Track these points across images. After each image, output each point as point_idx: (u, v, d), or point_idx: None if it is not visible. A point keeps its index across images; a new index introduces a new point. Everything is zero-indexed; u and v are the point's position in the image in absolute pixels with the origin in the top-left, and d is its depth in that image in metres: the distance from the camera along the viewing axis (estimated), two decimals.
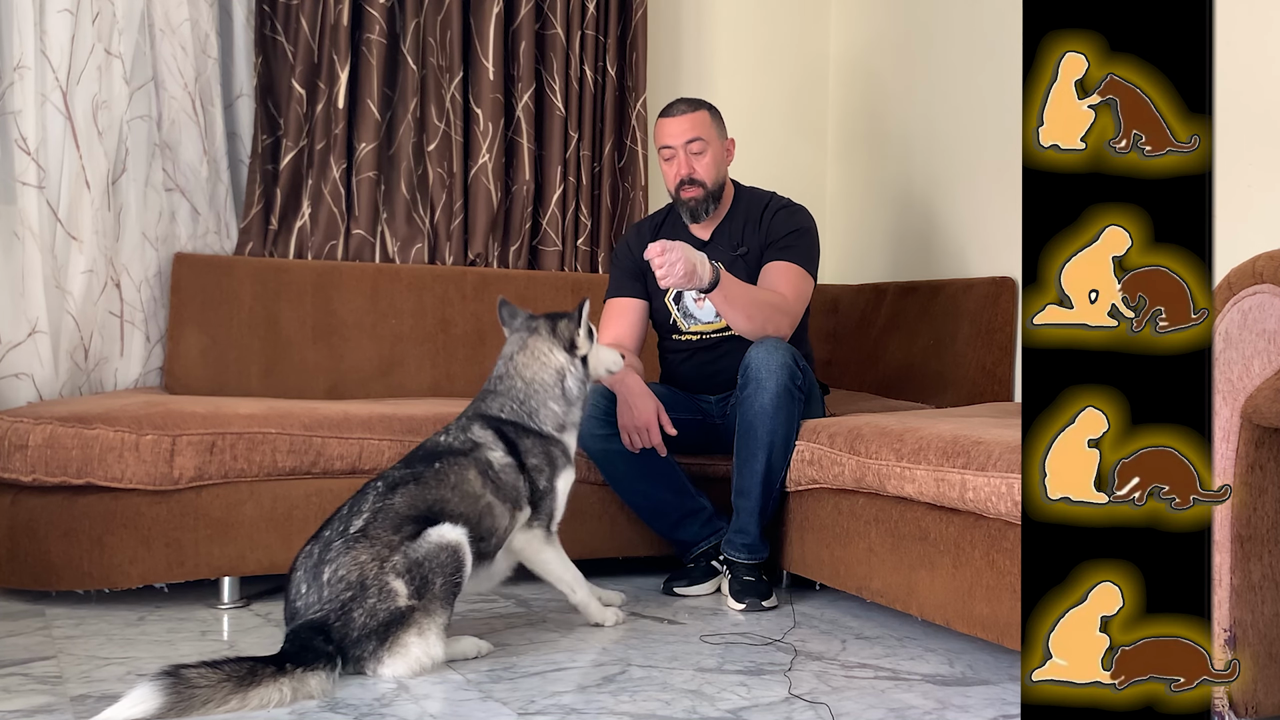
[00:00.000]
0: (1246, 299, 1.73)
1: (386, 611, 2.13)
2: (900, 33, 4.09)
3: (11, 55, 3.12)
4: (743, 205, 3.14)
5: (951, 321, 3.60)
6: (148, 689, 1.83)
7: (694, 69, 4.27)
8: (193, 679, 1.88)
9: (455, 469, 2.36)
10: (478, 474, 2.37)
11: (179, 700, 1.85)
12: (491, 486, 2.38)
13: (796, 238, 3.05)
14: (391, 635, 2.14)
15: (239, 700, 1.91)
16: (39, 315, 3.12)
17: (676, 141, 3.03)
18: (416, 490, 2.29)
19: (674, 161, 3.05)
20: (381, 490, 2.28)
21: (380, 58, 3.65)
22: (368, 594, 2.13)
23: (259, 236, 3.56)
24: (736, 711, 2.00)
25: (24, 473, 2.63)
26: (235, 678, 1.92)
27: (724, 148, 3.11)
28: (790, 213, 3.11)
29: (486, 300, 3.71)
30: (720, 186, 3.09)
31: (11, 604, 2.71)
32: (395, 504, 2.24)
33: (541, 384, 2.50)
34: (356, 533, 2.19)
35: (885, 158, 4.15)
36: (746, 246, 3.08)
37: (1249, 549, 1.74)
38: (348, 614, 2.12)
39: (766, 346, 2.82)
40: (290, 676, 1.98)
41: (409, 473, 2.33)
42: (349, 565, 2.14)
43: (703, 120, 3.05)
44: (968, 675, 2.26)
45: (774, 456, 2.81)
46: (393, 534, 2.19)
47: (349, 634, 2.11)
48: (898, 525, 2.50)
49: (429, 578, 2.17)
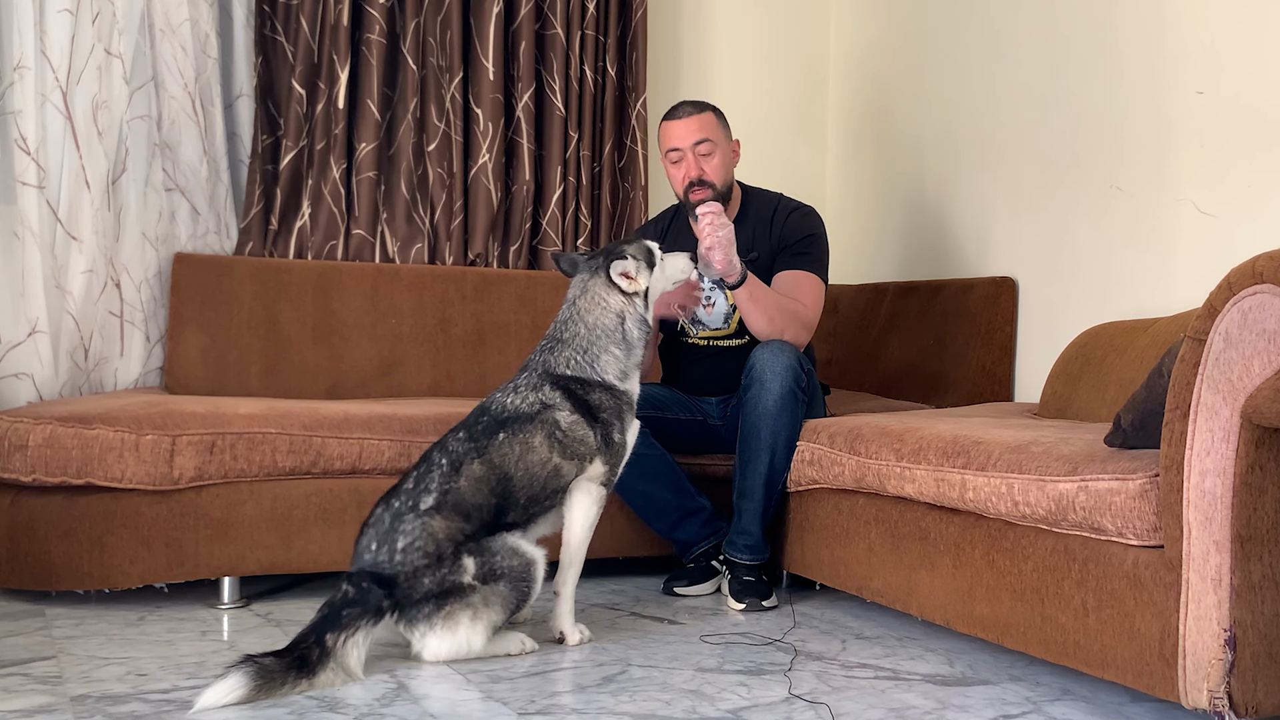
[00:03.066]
0: (1246, 299, 1.73)
1: (452, 583, 2.21)
2: (901, 32, 4.08)
3: (11, 55, 3.12)
4: (752, 208, 3.13)
5: (951, 321, 3.60)
6: (239, 676, 1.95)
7: (694, 69, 4.27)
8: (269, 665, 2.00)
9: (520, 439, 2.35)
10: (544, 438, 2.37)
11: (263, 684, 1.98)
12: (559, 448, 2.38)
13: (810, 243, 3.04)
14: (449, 605, 2.21)
15: (307, 683, 2.05)
16: (39, 315, 3.12)
17: (684, 144, 3.01)
18: (481, 471, 2.30)
19: (682, 164, 3.03)
20: (446, 469, 2.29)
21: (380, 58, 3.65)
22: (442, 564, 2.21)
23: (259, 236, 3.56)
24: (736, 711, 2.00)
25: (24, 473, 2.63)
26: (297, 666, 2.04)
27: (731, 149, 3.10)
28: (803, 215, 3.09)
29: (486, 300, 3.71)
30: (729, 188, 3.08)
31: (11, 604, 2.71)
32: (461, 487, 2.27)
33: (603, 329, 2.46)
34: (428, 510, 2.24)
35: (886, 157, 4.15)
36: (757, 252, 3.06)
37: (1249, 549, 1.74)
38: (418, 577, 2.20)
39: (772, 348, 2.82)
40: (333, 657, 2.08)
41: (473, 447, 2.32)
42: (425, 538, 2.22)
43: (709, 121, 3.03)
44: (968, 675, 2.26)
45: (777, 458, 2.81)
46: (463, 521, 2.25)
47: (413, 594, 2.20)
48: (898, 525, 2.50)
49: (497, 571, 2.24)
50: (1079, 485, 1.98)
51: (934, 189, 3.89)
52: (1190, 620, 1.78)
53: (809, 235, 3.05)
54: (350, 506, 2.79)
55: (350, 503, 2.79)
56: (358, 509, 2.75)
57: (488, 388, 3.66)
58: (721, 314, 3.09)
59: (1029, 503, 2.09)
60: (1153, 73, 3.05)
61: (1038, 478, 2.07)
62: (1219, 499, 1.75)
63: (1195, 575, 1.78)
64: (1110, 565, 1.95)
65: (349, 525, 2.63)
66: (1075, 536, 2.03)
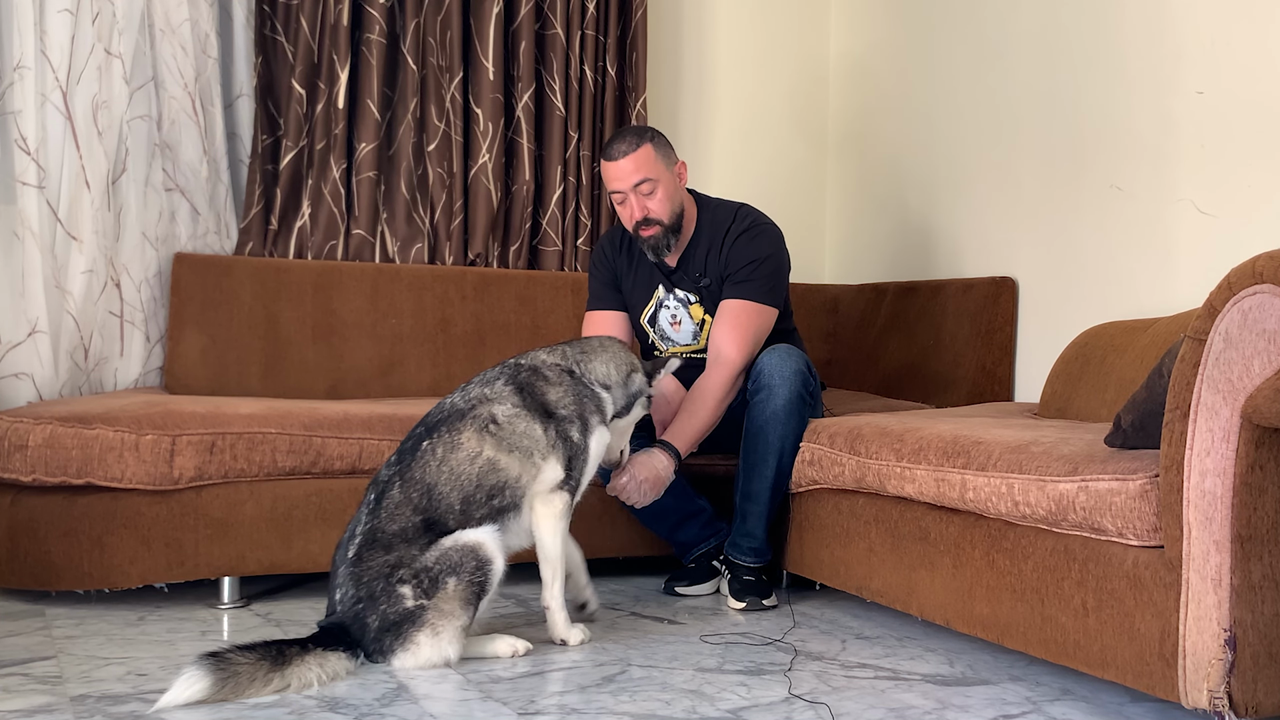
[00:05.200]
0: (1246, 299, 1.73)
1: (396, 613, 2.19)
2: (901, 32, 4.08)
3: (11, 55, 3.12)
4: (705, 231, 3.02)
5: (951, 321, 3.60)
6: (195, 671, 1.92)
7: (694, 69, 4.27)
8: (233, 659, 1.97)
9: (446, 438, 2.30)
10: (475, 432, 2.31)
11: (227, 678, 1.95)
12: (493, 441, 2.31)
13: (753, 269, 2.94)
14: (405, 631, 2.19)
15: (280, 679, 2.02)
16: (39, 315, 3.12)
17: (624, 186, 2.89)
18: (400, 495, 2.27)
19: (626, 205, 2.92)
20: (373, 504, 2.28)
21: (380, 58, 3.65)
22: (377, 602, 2.19)
23: (259, 236, 3.56)
24: (736, 711, 2.00)
25: (24, 473, 2.63)
26: (269, 658, 2.01)
27: (674, 176, 2.95)
28: (750, 239, 2.97)
29: (486, 300, 3.71)
30: (678, 217, 2.96)
31: (11, 604, 2.71)
32: (380, 522, 2.25)
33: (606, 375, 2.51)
34: (352, 560, 2.23)
35: (886, 157, 4.15)
36: (709, 278, 3.00)
37: (1249, 549, 1.74)
38: (362, 619, 2.20)
39: (779, 353, 2.82)
40: (315, 655, 2.08)
41: (396, 472, 2.30)
42: (354, 586, 2.21)
43: (647, 157, 2.88)
44: (968, 675, 2.26)
45: (784, 462, 2.82)
46: (384, 553, 2.22)
47: (366, 635, 2.20)
48: (898, 525, 2.50)
49: (440, 578, 2.20)
50: (1079, 485, 1.98)
51: (934, 189, 3.89)
52: (1190, 620, 1.78)
53: (751, 260, 2.94)
54: (350, 506, 2.78)
55: (350, 503, 2.79)
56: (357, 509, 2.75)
57: None
58: (689, 331, 3.07)
59: (1029, 503, 2.08)
60: (1153, 73, 3.05)
61: (1038, 478, 2.07)
62: (1219, 499, 1.75)
63: (1195, 575, 1.78)
64: (1110, 565, 1.95)
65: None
66: (1075, 537, 2.03)
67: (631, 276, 3.10)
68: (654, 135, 2.94)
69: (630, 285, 3.10)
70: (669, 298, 3.07)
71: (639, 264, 3.08)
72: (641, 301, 3.10)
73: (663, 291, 3.07)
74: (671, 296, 3.06)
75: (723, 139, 4.29)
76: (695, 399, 2.85)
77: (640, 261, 3.08)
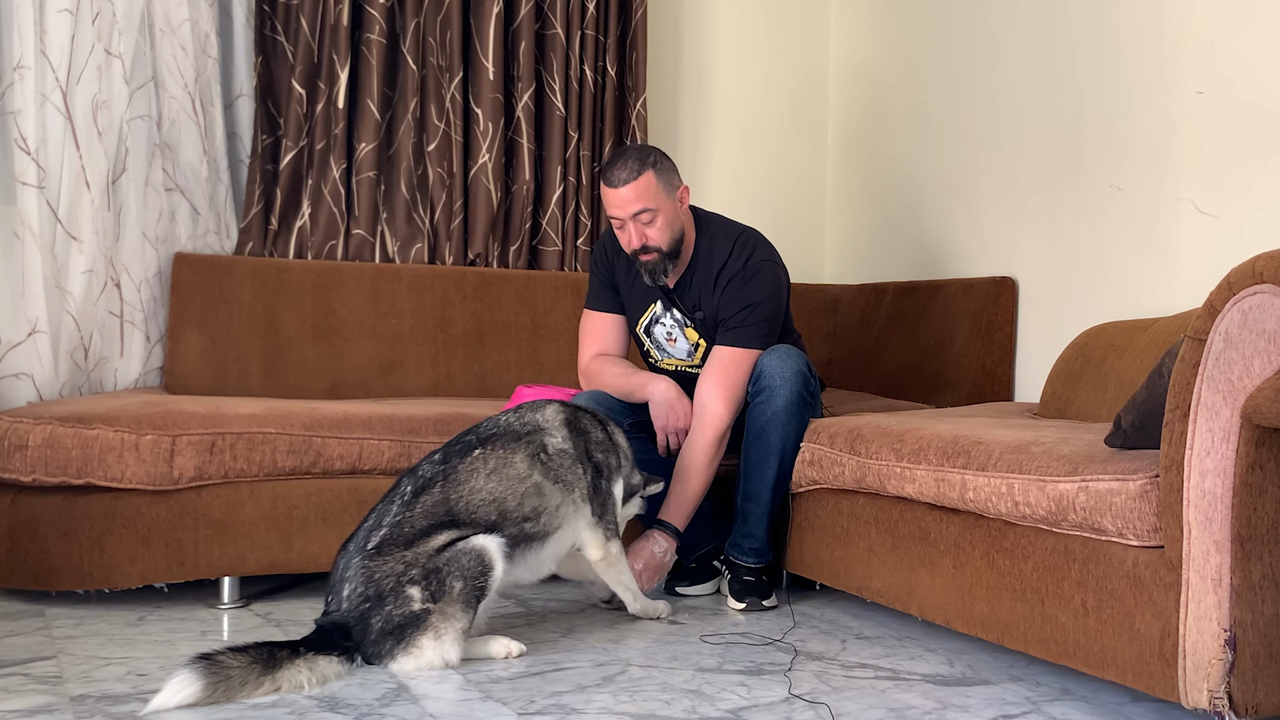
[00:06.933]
0: (1246, 299, 1.73)
1: (402, 615, 2.19)
2: (901, 32, 4.08)
3: (11, 55, 3.12)
4: (701, 261, 2.97)
5: (951, 321, 3.60)
6: (187, 675, 1.92)
7: (694, 69, 4.27)
8: (225, 661, 1.97)
9: (499, 454, 2.36)
10: (526, 456, 2.38)
11: (218, 682, 1.95)
12: (542, 468, 2.39)
13: (747, 314, 2.89)
14: (408, 635, 2.19)
15: (271, 682, 2.01)
16: (39, 315, 3.12)
17: (623, 214, 2.84)
18: (441, 495, 2.29)
19: (624, 231, 2.89)
20: (409, 497, 2.29)
21: (380, 58, 3.65)
22: (384, 602, 2.19)
23: (259, 236, 3.56)
24: (736, 711, 2.00)
25: (24, 473, 2.63)
26: (261, 660, 2.01)
27: (675, 203, 2.89)
28: (743, 281, 2.90)
29: (486, 300, 3.71)
30: (678, 243, 2.92)
31: (11, 604, 2.71)
32: (414, 515, 2.26)
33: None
34: (372, 551, 2.22)
35: (885, 157, 4.15)
36: (704, 312, 2.98)
37: (1249, 549, 1.74)
38: (366, 620, 2.19)
39: (780, 354, 2.82)
40: (305, 659, 2.07)
41: (441, 471, 2.32)
42: (364, 582, 2.20)
43: (648, 186, 2.82)
44: (968, 675, 2.26)
45: (785, 462, 2.82)
46: (404, 549, 2.22)
47: (368, 636, 2.19)
48: (898, 525, 2.50)
49: (448, 580, 2.20)
50: (1079, 485, 1.98)
51: (934, 189, 3.89)
52: (1190, 620, 1.78)
53: (746, 306, 2.90)
54: (350, 506, 2.79)
55: (350, 503, 2.80)
56: (358, 509, 2.75)
57: (488, 388, 3.67)
58: (684, 349, 3.06)
59: (1029, 503, 2.09)
60: (1153, 73, 3.05)
61: (1038, 478, 2.07)
62: (1219, 499, 1.75)
63: (1195, 575, 1.78)
64: (1110, 565, 1.95)
65: (349, 525, 2.63)
66: (1075, 537, 2.03)
67: (629, 283, 3.08)
68: (657, 161, 2.86)
69: (628, 291, 3.09)
70: (666, 315, 3.05)
71: (637, 272, 3.07)
72: (638, 310, 3.09)
73: (659, 307, 3.05)
74: (669, 315, 3.05)
75: (723, 139, 4.29)
76: (685, 469, 2.87)
77: (634, 275, 3.07)
